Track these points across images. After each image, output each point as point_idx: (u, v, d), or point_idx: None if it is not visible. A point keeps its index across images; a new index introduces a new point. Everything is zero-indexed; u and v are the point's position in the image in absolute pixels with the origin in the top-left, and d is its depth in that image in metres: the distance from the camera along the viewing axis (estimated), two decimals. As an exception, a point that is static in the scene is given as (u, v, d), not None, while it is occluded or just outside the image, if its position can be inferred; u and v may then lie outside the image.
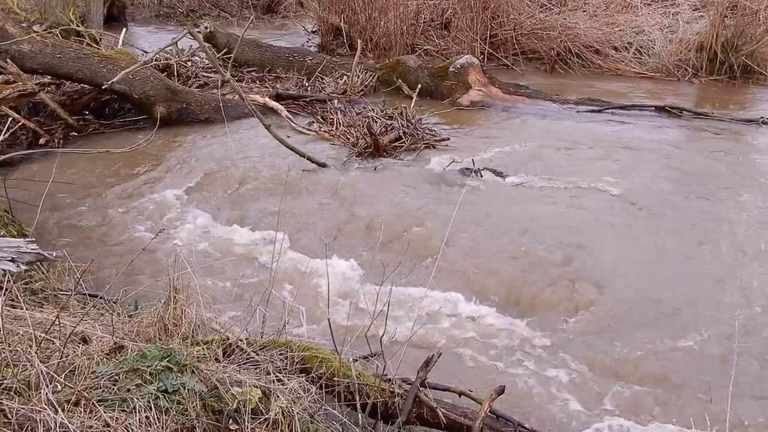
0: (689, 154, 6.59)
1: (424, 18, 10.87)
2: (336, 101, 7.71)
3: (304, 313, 3.29)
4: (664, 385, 3.41)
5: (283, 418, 2.39)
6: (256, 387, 2.45)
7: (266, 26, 13.66)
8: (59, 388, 2.22)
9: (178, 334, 2.77)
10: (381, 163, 6.08)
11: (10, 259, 3.00)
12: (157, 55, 7.65)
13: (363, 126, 6.43)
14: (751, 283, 4.26)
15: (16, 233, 4.15)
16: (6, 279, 2.93)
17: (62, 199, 5.35)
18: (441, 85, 8.27)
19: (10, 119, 6.17)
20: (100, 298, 3.37)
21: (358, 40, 9.52)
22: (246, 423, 2.32)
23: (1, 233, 3.96)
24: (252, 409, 2.37)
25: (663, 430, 3.12)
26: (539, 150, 6.50)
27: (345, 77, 8.39)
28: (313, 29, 12.33)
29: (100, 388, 2.28)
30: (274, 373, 2.59)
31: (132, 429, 2.14)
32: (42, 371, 2.22)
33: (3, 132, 5.87)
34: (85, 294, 3.42)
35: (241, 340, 2.78)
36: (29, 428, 2.08)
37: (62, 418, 2.06)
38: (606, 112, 7.80)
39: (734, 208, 5.29)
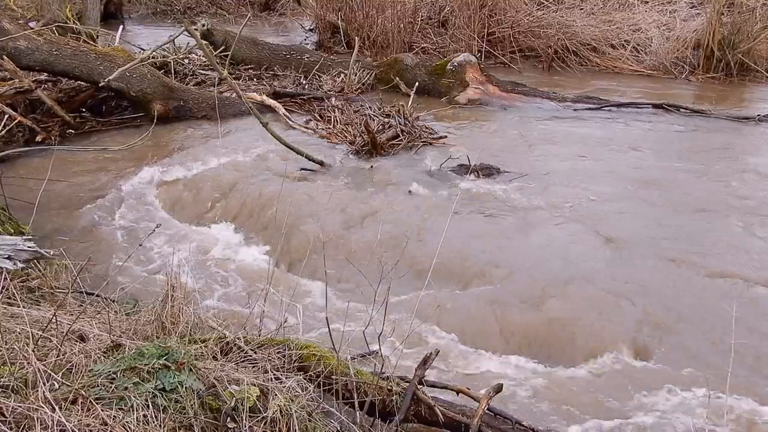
0: (686, 152, 6.59)
1: (422, 16, 10.87)
2: (333, 99, 7.71)
3: (301, 312, 3.29)
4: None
5: (281, 416, 2.39)
6: (254, 385, 2.45)
7: (263, 24, 13.65)
8: (56, 386, 2.21)
9: (176, 332, 2.77)
10: (378, 161, 6.08)
11: (7, 256, 2.99)
12: (154, 53, 7.64)
13: (361, 124, 6.42)
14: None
15: (12, 231, 4.13)
16: (3, 277, 2.92)
17: (59, 197, 5.33)
18: (438, 83, 8.27)
19: (6, 116, 6.13)
20: (97, 295, 3.36)
21: (356, 38, 9.51)
22: (244, 421, 2.32)
23: (-2, 231, 3.94)
24: (250, 407, 2.36)
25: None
26: (536, 148, 6.51)
27: (342, 75, 8.38)
28: (311, 27, 12.33)
29: (98, 386, 2.27)
30: (272, 372, 2.58)
31: (130, 427, 2.14)
32: (39, 369, 2.21)
33: (-1, 129, 5.86)
34: (82, 292, 3.41)
35: (238, 338, 2.77)
36: (26, 426, 2.07)
37: (60, 417, 2.06)
38: (603, 110, 7.81)
39: (732, 204, 5.31)
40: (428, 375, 2.93)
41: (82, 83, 6.98)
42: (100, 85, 6.54)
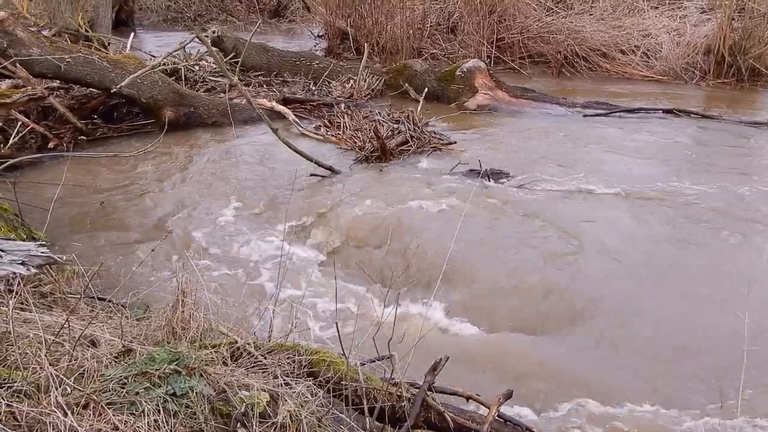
0: (697, 157, 6.56)
1: (431, 22, 10.90)
2: (343, 105, 7.73)
3: (311, 317, 3.29)
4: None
5: (291, 422, 2.39)
6: (264, 391, 2.45)
7: (273, 30, 13.72)
8: (69, 390, 2.23)
9: (187, 337, 2.78)
10: (388, 166, 6.08)
11: (20, 262, 3.01)
12: (165, 60, 7.70)
13: (370, 130, 6.44)
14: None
15: (25, 236, 4.16)
16: (16, 282, 2.94)
17: (71, 203, 5.37)
18: (448, 89, 8.28)
19: (19, 123, 6.20)
20: (109, 301, 3.38)
21: (365, 44, 9.55)
22: (254, 427, 2.32)
23: (11, 236, 3.97)
24: (260, 412, 2.37)
25: None
26: (546, 153, 6.50)
27: (352, 81, 8.41)
28: (320, 33, 12.38)
29: (109, 391, 2.28)
30: (281, 377, 2.58)
31: (141, 432, 2.15)
32: (51, 374, 2.23)
33: (12, 136, 5.92)
34: (93, 297, 3.43)
35: (248, 344, 2.78)
36: (39, 431, 2.09)
37: (72, 421, 2.07)
38: (613, 116, 7.79)
39: (742, 209, 5.28)
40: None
41: (94, 90, 7.03)
42: (111, 91, 6.58)
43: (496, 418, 2.79)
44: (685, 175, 6.01)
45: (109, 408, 2.19)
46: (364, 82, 8.37)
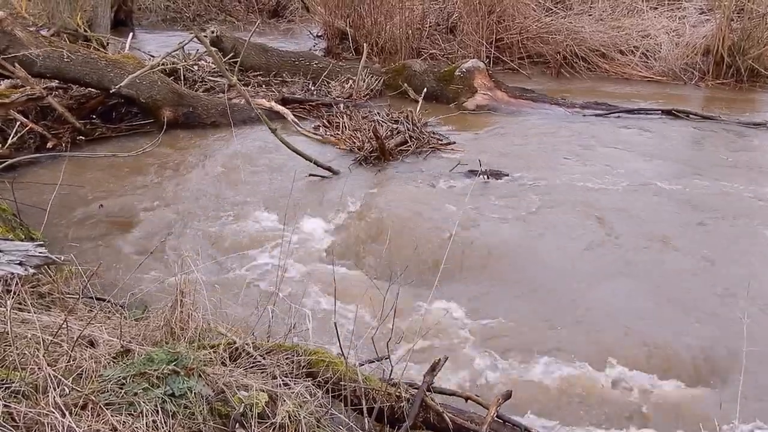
0: (696, 158, 6.57)
1: (430, 22, 10.88)
2: (342, 105, 7.73)
3: (310, 317, 3.28)
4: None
5: (290, 422, 2.39)
6: (263, 391, 2.45)
7: (272, 31, 13.69)
8: (67, 391, 2.22)
9: (185, 337, 2.77)
10: (387, 167, 6.08)
11: (18, 262, 3.01)
12: (164, 60, 7.69)
13: (369, 130, 6.43)
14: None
15: (23, 236, 4.16)
16: (14, 282, 2.94)
17: (69, 203, 5.36)
18: (447, 89, 8.27)
19: (18, 123, 6.19)
20: (107, 301, 3.38)
21: (364, 44, 9.54)
22: (253, 427, 2.32)
23: (9, 236, 3.97)
24: (259, 413, 2.37)
25: None
26: (545, 154, 6.50)
27: (351, 81, 8.40)
28: (319, 33, 12.36)
29: (108, 391, 2.28)
30: (280, 377, 2.58)
31: (139, 433, 2.14)
32: (50, 374, 2.22)
33: (11, 136, 5.91)
34: (92, 297, 3.42)
35: (247, 344, 2.78)
36: (37, 431, 2.09)
37: (70, 422, 2.07)
38: (612, 116, 7.79)
39: (741, 210, 5.29)
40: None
41: (93, 90, 7.02)
42: (110, 92, 6.58)
43: (495, 418, 2.79)
44: (685, 174, 6.01)
45: (107, 408, 2.19)
46: (363, 82, 8.36)
